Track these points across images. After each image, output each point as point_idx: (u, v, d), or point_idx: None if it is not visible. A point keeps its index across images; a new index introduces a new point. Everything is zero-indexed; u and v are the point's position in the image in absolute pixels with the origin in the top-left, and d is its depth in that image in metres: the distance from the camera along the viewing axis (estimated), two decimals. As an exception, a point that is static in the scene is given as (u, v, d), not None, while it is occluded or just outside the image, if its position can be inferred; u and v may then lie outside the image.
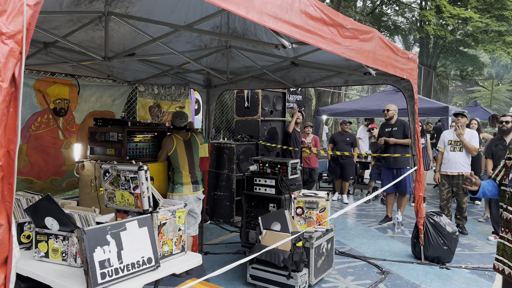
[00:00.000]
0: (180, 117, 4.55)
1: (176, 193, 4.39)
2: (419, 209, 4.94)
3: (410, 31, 22.18)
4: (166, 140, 4.48)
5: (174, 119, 4.56)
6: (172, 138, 4.46)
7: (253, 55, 5.03)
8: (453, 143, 6.32)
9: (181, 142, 4.47)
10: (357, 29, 3.27)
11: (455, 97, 34.70)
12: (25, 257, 2.71)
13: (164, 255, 2.70)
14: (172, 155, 4.41)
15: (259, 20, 2.15)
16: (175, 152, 4.40)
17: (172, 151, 4.40)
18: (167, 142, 4.45)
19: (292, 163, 4.94)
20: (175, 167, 4.43)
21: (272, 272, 4.01)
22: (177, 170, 4.42)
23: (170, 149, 4.40)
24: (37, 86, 4.66)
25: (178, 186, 4.40)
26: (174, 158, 4.41)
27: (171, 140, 4.44)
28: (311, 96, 15.28)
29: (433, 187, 10.90)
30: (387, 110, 6.78)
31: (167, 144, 4.43)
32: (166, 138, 4.53)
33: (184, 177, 4.41)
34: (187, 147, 4.51)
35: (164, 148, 4.44)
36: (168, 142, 4.44)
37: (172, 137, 4.47)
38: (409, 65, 4.51)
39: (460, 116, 6.28)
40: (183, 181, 4.41)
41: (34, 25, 1.19)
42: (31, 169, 4.85)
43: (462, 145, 6.20)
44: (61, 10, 3.37)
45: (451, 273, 4.72)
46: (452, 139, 6.36)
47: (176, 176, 4.43)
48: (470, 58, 22.32)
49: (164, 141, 4.49)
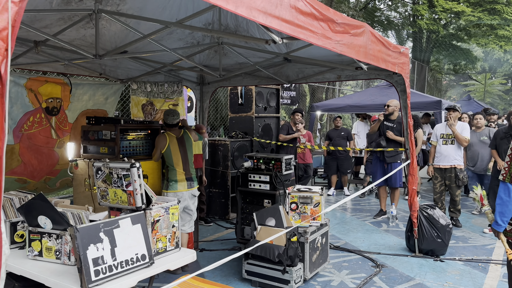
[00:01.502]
0: (171, 114, 4.53)
1: (171, 190, 4.38)
2: (412, 203, 4.98)
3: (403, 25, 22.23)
4: (159, 138, 4.47)
5: (166, 117, 4.53)
6: (164, 136, 4.44)
7: (245, 52, 5.03)
8: (445, 136, 6.36)
9: (174, 139, 4.46)
10: (348, 24, 3.28)
11: (449, 91, 34.86)
12: (19, 256, 2.71)
13: (158, 251, 2.70)
14: (166, 153, 4.39)
15: (248, 16, 2.15)
16: (168, 149, 4.39)
17: (165, 148, 4.38)
18: (160, 140, 4.43)
19: (286, 159, 4.96)
20: (169, 164, 4.42)
21: (268, 267, 4.02)
22: (171, 167, 4.41)
23: (163, 147, 4.38)
24: (29, 85, 4.63)
25: (172, 183, 4.40)
26: (167, 156, 4.40)
27: (164, 137, 4.42)
28: (305, 92, 15.30)
29: (427, 181, 10.97)
30: (387, 106, 6.72)
31: (160, 141, 4.41)
32: (159, 136, 4.51)
33: (179, 174, 4.41)
34: (180, 144, 4.50)
35: (157, 146, 4.42)
36: (161, 140, 4.42)
37: (164, 135, 4.46)
38: (401, 59, 4.52)
39: (452, 110, 6.32)
40: (177, 178, 4.40)
41: (19, 21, 1.18)
42: (25, 169, 4.83)
43: (454, 138, 6.24)
44: (52, 8, 3.36)
45: (445, 265, 4.76)
46: (444, 132, 6.39)
47: (170, 174, 4.42)
48: (463, 52, 22.41)
49: (157, 139, 4.47)
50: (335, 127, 8.97)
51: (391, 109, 6.68)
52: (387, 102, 6.83)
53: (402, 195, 8.82)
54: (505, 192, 2.88)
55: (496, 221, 2.95)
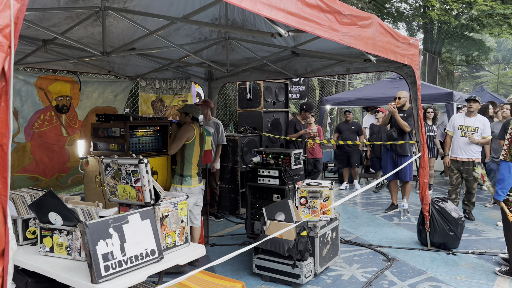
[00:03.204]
0: (197, 108, 4.45)
1: (185, 185, 4.28)
2: (424, 196, 4.92)
3: (413, 17, 21.91)
4: (186, 128, 4.31)
5: (192, 110, 4.42)
6: (192, 127, 4.32)
7: (253, 46, 5.01)
8: (464, 128, 6.22)
9: (198, 133, 4.39)
10: (355, 15, 3.24)
11: (461, 83, 34.34)
12: (31, 252, 2.74)
13: (167, 246, 2.71)
14: (189, 145, 4.28)
15: (252, 9, 2.14)
16: (193, 142, 4.30)
17: (192, 140, 4.28)
18: (188, 130, 4.28)
19: (295, 153, 4.94)
20: (188, 157, 4.29)
21: (277, 262, 4.03)
22: (188, 161, 4.30)
23: (191, 137, 4.26)
24: (39, 84, 4.68)
25: (187, 178, 4.30)
26: (190, 148, 4.29)
27: (192, 129, 4.31)
28: (315, 87, 15.21)
29: (440, 173, 10.84)
30: (398, 98, 6.59)
31: (188, 131, 4.27)
32: (186, 126, 4.34)
33: (193, 169, 4.33)
34: (200, 141, 4.44)
35: (182, 136, 4.25)
36: (189, 130, 4.28)
37: (192, 126, 4.34)
38: (410, 51, 4.46)
39: (472, 101, 6.19)
40: (191, 174, 4.32)
41: (22, 19, 1.19)
42: (37, 166, 4.89)
43: (473, 131, 6.11)
44: (59, 6, 3.38)
45: (458, 258, 4.71)
46: (463, 124, 6.24)
47: (186, 168, 4.31)
48: (476, 42, 22.03)
49: (183, 129, 4.31)
50: (346, 120, 8.92)
51: (403, 100, 6.55)
52: (397, 94, 6.71)
53: (414, 188, 8.74)
54: (505, 169, 3.88)
55: (497, 192, 3.99)
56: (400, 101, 6.55)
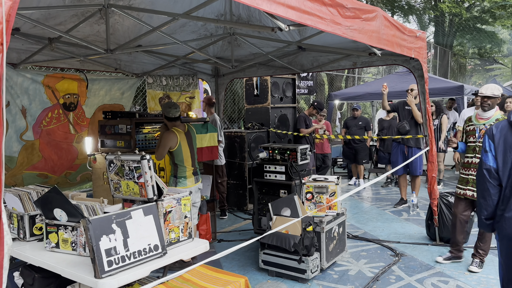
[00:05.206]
0: (173, 107, 4.13)
1: (180, 187, 4.14)
2: (432, 191, 4.87)
3: (424, 10, 21.60)
4: (167, 135, 4.05)
5: (167, 110, 4.12)
6: (174, 133, 4.08)
7: (258, 42, 4.99)
8: None
9: (183, 135, 4.16)
10: (358, 9, 3.21)
11: (474, 76, 33.82)
12: (37, 248, 2.78)
13: (171, 242, 2.73)
14: (176, 152, 4.09)
15: (251, 3, 2.12)
16: (179, 147, 4.09)
17: (176, 147, 4.07)
18: (170, 137, 4.05)
19: (301, 149, 4.92)
20: (179, 162, 4.15)
21: (284, 257, 4.02)
22: (181, 165, 4.16)
23: (174, 145, 4.06)
24: (46, 82, 4.73)
25: (182, 179, 4.20)
26: (178, 154, 4.11)
27: (174, 135, 4.07)
28: (323, 81, 15.12)
29: (451, 168, 10.71)
30: (411, 90, 6.50)
31: (170, 139, 4.04)
32: (166, 133, 4.08)
33: (188, 171, 4.22)
34: (188, 140, 4.24)
35: (165, 144, 4.02)
36: (171, 138, 4.05)
37: (173, 132, 4.09)
38: (417, 44, 4.40)
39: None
40: (186, 175, 4.21)
41: (14, 16, 1.20)
42: (46, 164, 4.96)
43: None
44: (65, 4, 3.40)
45: (466, 253, 4.64)
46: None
47: (180, 171, 4.18)
48: (488, 35, 21.64)
49: (165, 137, 4.05)
50: (353, 116, 8.84)
51: (415, 92, 6.44)
52: (410, 86, 6.61)
53: (424, 183, 8.65)
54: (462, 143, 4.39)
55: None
56: (413, 93, 6.47)
